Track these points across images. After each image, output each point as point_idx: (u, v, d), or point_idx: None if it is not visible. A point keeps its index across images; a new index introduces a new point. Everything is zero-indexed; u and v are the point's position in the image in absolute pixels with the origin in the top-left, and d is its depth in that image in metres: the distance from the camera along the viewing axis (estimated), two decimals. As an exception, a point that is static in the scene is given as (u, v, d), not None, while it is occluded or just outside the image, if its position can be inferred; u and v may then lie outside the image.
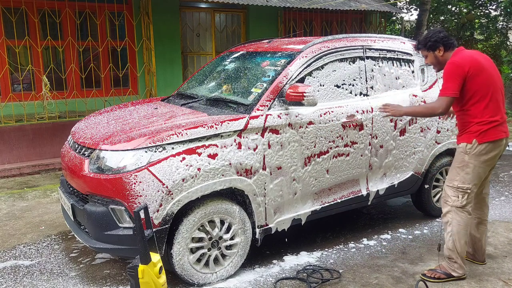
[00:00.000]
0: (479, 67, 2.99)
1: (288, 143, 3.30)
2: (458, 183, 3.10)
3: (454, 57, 3.05)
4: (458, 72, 2.96)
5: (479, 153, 3.05)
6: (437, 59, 3.17)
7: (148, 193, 2.81)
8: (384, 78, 3.91)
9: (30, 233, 4.08)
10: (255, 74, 3.66)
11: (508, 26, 15.83)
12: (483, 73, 2.99)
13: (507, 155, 7.09)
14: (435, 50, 3.13)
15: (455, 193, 3.11)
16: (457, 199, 3.09)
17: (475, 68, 2.97)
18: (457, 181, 3.10)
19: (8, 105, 6.34)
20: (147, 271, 2.50)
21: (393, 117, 3.65)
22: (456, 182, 3.10)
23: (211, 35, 8.60)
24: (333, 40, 3.70)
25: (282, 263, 3.48)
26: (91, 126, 3.48)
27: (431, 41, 3.12)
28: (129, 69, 7.45)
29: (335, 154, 3.57)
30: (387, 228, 4.19)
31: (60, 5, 6.65)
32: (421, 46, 3.20)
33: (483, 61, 3.03)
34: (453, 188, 3.11)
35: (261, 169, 3.19)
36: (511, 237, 3.90)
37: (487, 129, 3.02)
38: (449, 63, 3.02)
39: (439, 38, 3.11)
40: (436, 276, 3.15)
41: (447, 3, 14.12)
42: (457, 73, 2.95)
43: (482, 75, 2.98)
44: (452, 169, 3.17)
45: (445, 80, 3.00)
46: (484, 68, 3.01)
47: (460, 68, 2.96)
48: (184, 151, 2.92)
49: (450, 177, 3.16)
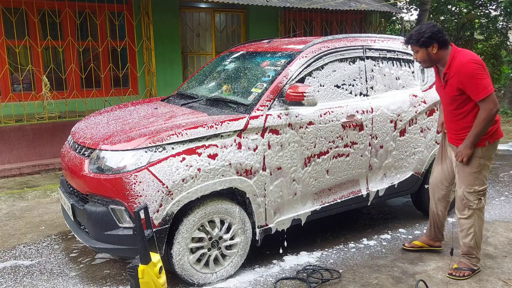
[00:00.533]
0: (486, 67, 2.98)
1: (288, 143, 3.30)
2: (478, 187, 3.11)
3: (471, 55, 2.94)
4: (485, 69, 2.90)
5: (492, 152, 3.10)
6: (430, 56, 3.00)
7: (148, 193, 2.81)
8: (384, 78, 3.92)
9: (30, 233, 4.08)
10: (255, 74, 3.66)
11: (508, 26, 15.83)
12: (488, 73, 2.98)
13: (507, 155, 7.10)
14: (429, 46, 2.96)
15: (476, 197, 3.13)
16: (480, 201, 3.13)
17: (486, 67, 2.97)
18: (477, 185, 3.11)
19: (8, 105, 6.34)
20: (147, 271, 2.50)
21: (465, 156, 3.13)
22: (476, 187, 3.11)
23: (211, 35, 8.61)
24: (333, 40, 3.71)
25: (282, 263, 3.48)
26: (91, 126, 3.48)
27: (424, 37, 2.92)
28: (129, 69, 7.46)
29: (335, 155, 3.57)
30: (387, 228, 4.19)
31: (60, 5, 6.65)
32: (413, 41, 2.99)
33: None
34: (474, 193, 3.13)
35: (261, 170, 3.19)
36: (511, 237, 3.90)
37: (496, 128, 3.05)
38: (473, 61, 2.88)
39: (434, 34, 2.92)
40: (466, 274, 3.21)
41: (447, 3, 14.12)
42: (485, 70, 2.88)
43: (489, 75, 2.97)
44: (468, 175, 3.12)
45: (480, 78, 2.85)
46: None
47: (484, 65, 2.91)
48: (184, 151, 2.92)
49: (468, 183, 3.12)
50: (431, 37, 2.93)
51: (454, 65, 2.95)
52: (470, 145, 3.01)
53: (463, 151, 3.05)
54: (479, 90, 2.86)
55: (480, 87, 2.86)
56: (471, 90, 2.89)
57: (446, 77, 3.04)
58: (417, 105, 4.02)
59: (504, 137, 8.71)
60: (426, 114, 4.11)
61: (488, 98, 2.87)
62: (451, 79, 2.99)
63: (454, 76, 2.95)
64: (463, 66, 2.90)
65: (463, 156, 3.05)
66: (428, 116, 4.11)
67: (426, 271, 3.33)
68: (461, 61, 2.92)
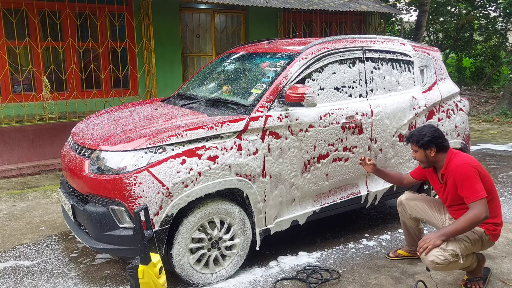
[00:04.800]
0: (483, 170, 2.94)
1: (288, 144, 3.31)
2: (455, 249, 2.89)
3: (467, 159, 2.94)
4: (481, 173, 2.88)
5: (482, 246, 2.98)
6: (427, 158, 3.00)
7: (148, 194, 2.82)
8: (383, 79, 3.93)
9: (31, 234, 4.09)
10: (255, 75, 3.67)
11: (507, 27, 15.86)
12: (486, 177, 2.93)
13: (506, 156, 7.11)
14: (427, 149, 2.96)
15: (450, 256, 2.93)
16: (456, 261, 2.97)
17: (482, 169, 2.93)
18: (456, 248, 2.90)
19: (8, 106, 6.35)
20: (147, 272, 2.51)
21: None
22: (455, 249, 2.90)
23: (211, 36, 8.62)
24: (333, 41, 3.72)
25: (282, 263, 3.49)
26: (91, 127, 3.49)
27: (424, 140, 2.94)
28: (129, 70, 7.46)
29: (335, 158, 3.58)
30: (386, 228, 4.20)
31: (60, 6, 6.66)
32: (413, 141, 3.01)
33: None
34: (449, 252, 2.92)
35: (261, 170, 3.20)
36: (510, 238, 3.91)
37: (499, 231, 3.00)
38: (468, 164, 2.88)
39: (434, 138, 2.93)
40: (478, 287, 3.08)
41: (447, 4, 14.14)
42: (476, 174, 2.85)
43: (486, 178, 2.92)
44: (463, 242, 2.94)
45: (471, 182, 2.81)
46: (486, 173, 2.95)
47: (480, 169, 2.89)
48: (184, 152, 2.92)
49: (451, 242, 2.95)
50: (431, 141, 2.94)
51: (450, 167, 2.96)
52: (443, 237, 2.77)
53: (432, 240, 2.75)
54: (471, 192, 2.82)
55: (472, 190, 2.80)
56: (463, 192, 2.86)
57: (444, 178, 3.04)
58: (417, 107, 4.04)
59: (504, 138, 8.74)
60: (426, 116, 4.13)
61: (479, 202, 2.77)
62: (448, 180, 2.99)
63: (450, 177, 2.96)
64: (458, 168, 2.90)
65: (428, 244, 2.75)
66: (427, 118, 4.13)
67: (425, 272, 3.33)
68: (456, 163, 2.92)
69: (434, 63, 4.34)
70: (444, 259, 2.75)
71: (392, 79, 3.98)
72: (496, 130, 9.71)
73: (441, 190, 3.11)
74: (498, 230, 3.00)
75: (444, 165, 3.01)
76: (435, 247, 2.76)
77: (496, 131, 9.57)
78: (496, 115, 11.27)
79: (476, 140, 8.44)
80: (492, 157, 7.06)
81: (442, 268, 2.83)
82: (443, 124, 4.24)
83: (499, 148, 7.78)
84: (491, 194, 2.92)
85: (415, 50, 4.23)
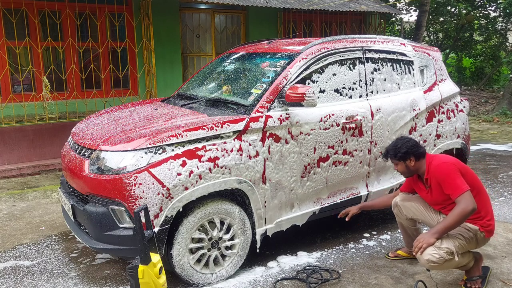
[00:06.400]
0: (464, 167, 2.99)
1: (288, 149, 3.31)
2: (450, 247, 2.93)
3: (444, 158, 3.02)
4: (460, 169, 2.93)
5: (478, 243, 3.01)
6: (408, 168, 3.08)
7: (148, 194, 2.82)
8: (383, 79, 3.92)
9: (31, 234, 4.09)
10: (255, 75, 3.67)
11: (507, 27, 15.87)
12: (468, 173, 2.98)
13: (506, 156, 7.11)
14: (406, 160, 3.04)
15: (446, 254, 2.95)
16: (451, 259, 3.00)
17: (462, 166, 2.98)
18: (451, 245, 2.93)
19: (8, 106, 6.35)
20: (147, 272, 2.51)
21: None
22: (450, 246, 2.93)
23: (211, 36, 8.62)
24: (333, 41, 3.72)
25: (282, 263, 3.49)
26: (91, 127, 3.49)
27: (401, 152, 3.03)
28: (129, 70, 7.47)
29: (335, 160, 3.58)
30: (386, 228, 4.20)
31: (60, 6, 6.66)
32: (391, 156, 3.09)
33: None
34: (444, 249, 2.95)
35: (261, 175, 3.20)
36: (510, 238, 3.91)
37: (492, 226, 3.01)
38: (444, 163, 2.95)
39: (409, 149, 3.01)
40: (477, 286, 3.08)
41: (447, 4, 14.14)
42: (456, 170, 2.91)
43: (469, 175, 2.97)
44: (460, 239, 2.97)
45: (451, 179, 2.88)
46: (468, 169, 3.01)
47: (459, 165, 2.95)
48: (184, 153, 2.92)
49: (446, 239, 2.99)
50: (407, 152, 3.02)
51: (431, 169, 3.02)
52: (436, 235, 2.80)
53: (426, 238, 2.80)
54: (454, 188, 2.86)
55: (454, 186, 2.86)
56: (447, 190, 2.91)
57: (428, 182, 3.08)
58: (417, 108, 4.04)
59: (504, 138, 8.73)
60: (426, 117, 4.13)
61: (463, 196, 2.81)
62: (432, 183, 3.04)
63: (433, 179, 3.02)
64: (437, 168, 2.97)
65: (422, 243, 2.79)
66: (427, 119, 4.13)
67: (425, 272, 3.33)
68: (435, 164, 2.99)
69: (434, 63, 4.34)
70: (439, 257, 2.77)
71: (392, 79, 3.98)
72: (496, 130, 9.71)
73: (428, 195, 3.14)
74: (492, 225, 3.02)
75: (426, 170, 3.07)
76: (429, 246, 2.79)
77: (496, 131, 9.57)
78: (496, 115, 11.28)
79: (476, 140, 8.44)
80: (492, 157, 7.06)
81: (439, 267, 2.85)
82: (443, 125, 4.24)
83: (499, 148, 7.78)
84: (475, 189, 2.95)
85: (415, 50, 4.23)
